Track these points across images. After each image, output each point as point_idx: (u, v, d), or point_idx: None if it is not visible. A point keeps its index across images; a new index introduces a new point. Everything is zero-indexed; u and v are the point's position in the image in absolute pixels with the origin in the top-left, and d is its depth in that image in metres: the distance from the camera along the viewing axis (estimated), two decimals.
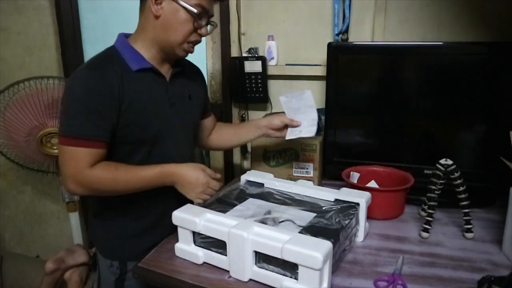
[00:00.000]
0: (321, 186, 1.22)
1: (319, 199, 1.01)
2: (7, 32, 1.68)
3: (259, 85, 1.57)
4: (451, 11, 1.33)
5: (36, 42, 1.70)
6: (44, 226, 1.92)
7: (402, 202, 1.16)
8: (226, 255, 0.82)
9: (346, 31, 1.44)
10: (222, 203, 0.99)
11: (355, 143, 1.37)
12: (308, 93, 1.14)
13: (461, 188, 0.98)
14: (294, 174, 1.36)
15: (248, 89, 1.58)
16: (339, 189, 1.03)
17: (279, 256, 0.73)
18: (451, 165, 0.98)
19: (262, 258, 0.78)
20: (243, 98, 1.64)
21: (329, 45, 1.31)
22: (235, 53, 1.63)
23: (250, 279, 0.80)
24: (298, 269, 0.72)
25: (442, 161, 0.99)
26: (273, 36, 1.55)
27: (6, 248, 1.89)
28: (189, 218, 0.85)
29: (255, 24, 1.60)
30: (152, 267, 0.87)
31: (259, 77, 1.56)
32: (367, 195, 0.99)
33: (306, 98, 1.14)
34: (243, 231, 0.77)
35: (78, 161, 0.87)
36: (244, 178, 1.15)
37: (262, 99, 1.60)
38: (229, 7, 1.58)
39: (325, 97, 1.35)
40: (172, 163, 0.97)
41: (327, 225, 0.86)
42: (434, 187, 1.01)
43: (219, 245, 0.83)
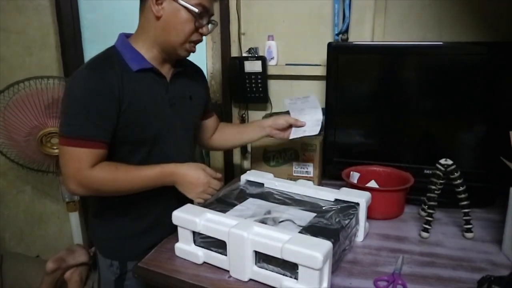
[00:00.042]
0: (321, 186, 1.22)
1: (319, 199, 1.01)
2: (7, 32, 1.67)
3: (259, 85, 1.57)
4: (451, 11, 1.33)
5: (36, 41, 1.69)
6: (44, 226, 1.92)
7: (402, 202, 1.16)
8: (226, 255, 0.82)
9: (346, 31, 1.44)
10: (222, 203, 0.99)
11: (355, 143, 1.37)
12: (313, 97, 1.15)
13: (461, 188, 0.98)
14: (294, 174, 1.36)
15: (248, 89, 1.58)
16: (339, 189, 1.03)
17: (279, 256, 0.73)
18: (451, 165, 0.98)
19: (262, 258, 0.79)
20: (243, 98, 1.64)
21: (329, 45, 1.31)
22: (235, 53, 1.63)
23: (250, 279, 0.80)
24: (298, 269, 0.72)
25: (442, 161, 0.99)
26: (273, 36, 1.55)
27: (6, 248, 1.89)
28: (189, 218, 0.85)
29: (255, 24, 1.60)
30: (152, 267, 0.87)
31: (259, 77, 1.55)
32: (367, 195, 0.99)
33: (311, 101, 1.15)
34: (243, 231, 0.77)
35: (78, 162, 0.87)
36: (244, 178, 1.15)
37: (262, 99, 1.60)
38: (229, 7, 1.58)
39: (325, 97, 1.35)
40: (172, 163, 0.97)
41: (327, 225, 0.86)
42: (434, 187, 1.01)
43: (219, 245, 0.83)
